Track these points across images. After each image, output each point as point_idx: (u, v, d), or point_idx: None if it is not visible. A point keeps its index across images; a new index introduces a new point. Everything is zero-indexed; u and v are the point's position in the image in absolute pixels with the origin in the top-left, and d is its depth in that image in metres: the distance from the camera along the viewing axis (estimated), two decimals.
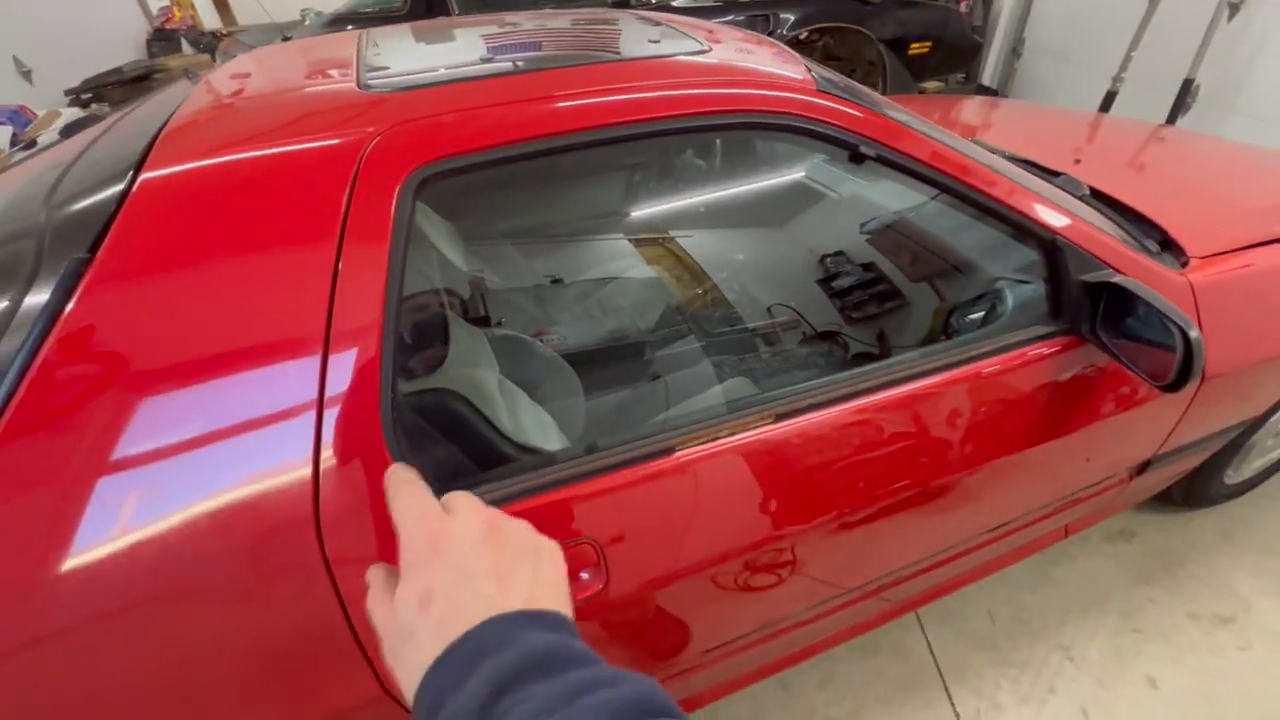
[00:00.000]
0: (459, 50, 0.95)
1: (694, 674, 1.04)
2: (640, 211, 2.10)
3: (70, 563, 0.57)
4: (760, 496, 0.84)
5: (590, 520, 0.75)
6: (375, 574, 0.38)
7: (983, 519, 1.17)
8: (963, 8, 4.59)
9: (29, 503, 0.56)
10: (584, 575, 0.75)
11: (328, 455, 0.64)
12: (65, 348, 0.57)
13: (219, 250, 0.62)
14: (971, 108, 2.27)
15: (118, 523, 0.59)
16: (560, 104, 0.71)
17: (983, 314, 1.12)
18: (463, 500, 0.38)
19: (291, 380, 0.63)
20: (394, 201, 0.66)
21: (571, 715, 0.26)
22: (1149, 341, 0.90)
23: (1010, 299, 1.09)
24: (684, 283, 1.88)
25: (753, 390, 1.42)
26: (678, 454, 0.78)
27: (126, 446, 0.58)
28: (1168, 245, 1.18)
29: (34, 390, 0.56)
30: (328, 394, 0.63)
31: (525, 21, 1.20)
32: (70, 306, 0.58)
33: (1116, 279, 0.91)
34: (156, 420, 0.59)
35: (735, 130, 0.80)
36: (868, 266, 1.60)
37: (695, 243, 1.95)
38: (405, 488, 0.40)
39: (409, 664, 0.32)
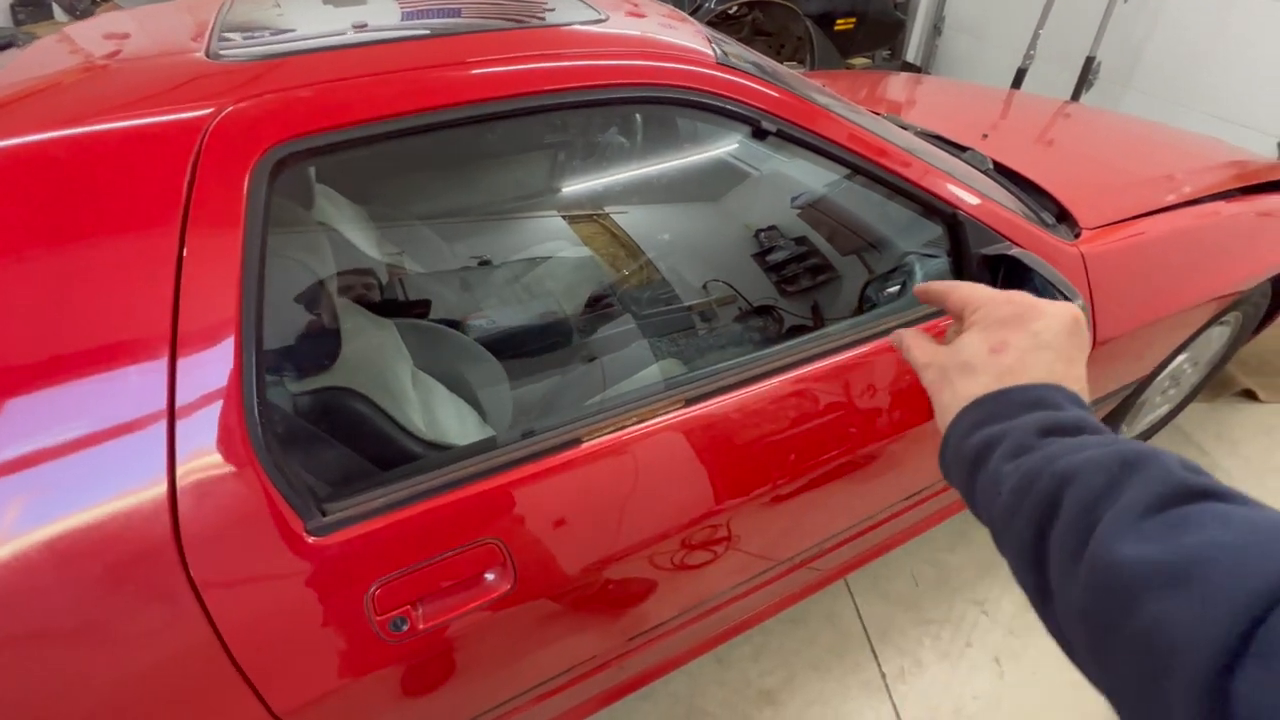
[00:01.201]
0: (340, 17, 0.87)
1: (627, 658, 1.04)
2: (571, 188, 2.04)
3: None
4: (681, 479, 0.83)
5: (494, 519, 0.71)
6: (904, 332, 0.50)
7: (905, 484, 1.21)
8: None
9: None
10: (489, 576, 0.72)
11: (185, 469, 0.58)
12: None
13: (39, 241, 0.54)
14: (893, 84, 2.31)
15: None
16: (433, 76, 0.65)
17: (898, 287, 1.14)
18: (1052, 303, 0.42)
19: (134, 387, 0.56)
20: (245, 185, 0.59)
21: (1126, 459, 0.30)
22: None
23: (919, 272, 1.11)
24: (619, 261, 1.84)
25: (683, 370, 1.41)
26: (585, 444, 0.75)
27: None
28: (1064, 217, 1.23)
29: None
30: (179, 401, 0.57)
31: None
32: None
33: (1012, 251, 0.94)
34: None
35: (629, 105, 0.77)
36: (800, 240, 1.60)
37: (630, 219, 1.91)
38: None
39: (960, 390, 0.39)
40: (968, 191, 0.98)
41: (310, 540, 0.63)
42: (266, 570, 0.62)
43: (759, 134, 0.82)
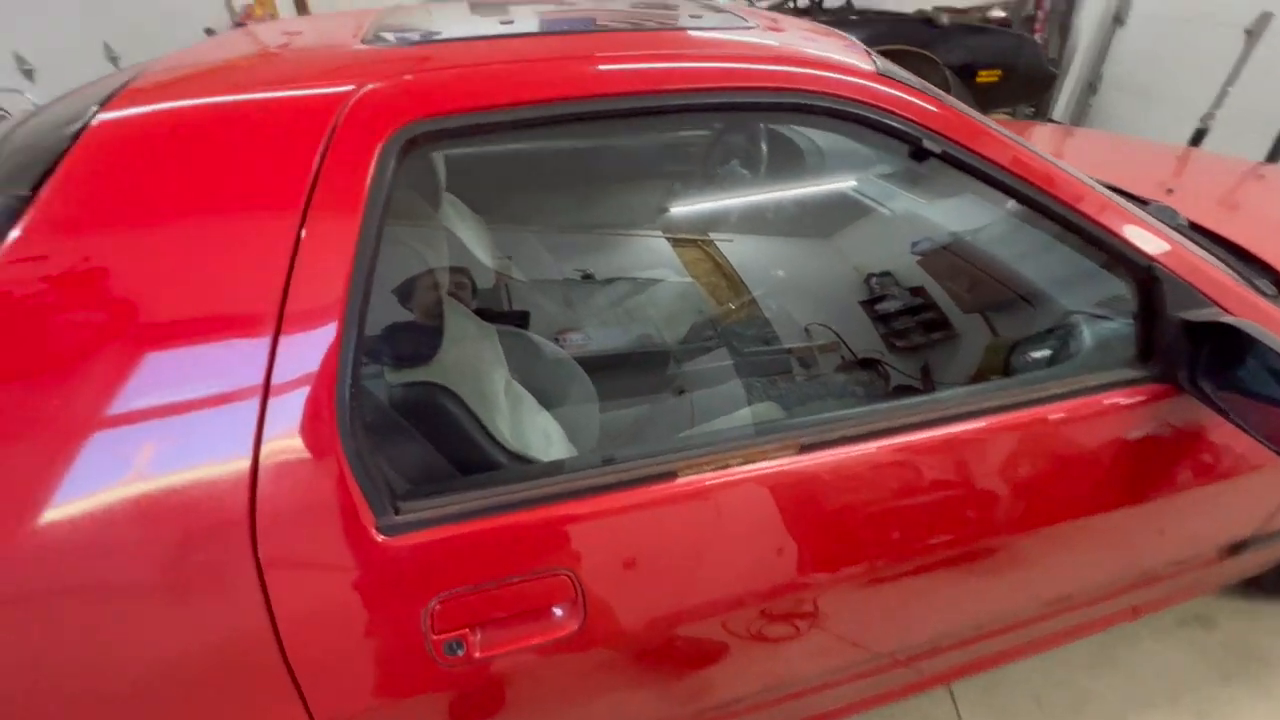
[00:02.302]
0: (500, 20, 0.88)
1: None
2: (681, 210, 2.01)
3: None
4: (777, 537, 0.72)
5: (570, 548, 0.64)
6: None
7: (1037, 590, 1.01)
8: (1038, 38, 4.38)
9: None
10: (556, 611, 0.64)
11: (271, 448, 0.55)
12: None
13: (170, 205, 0.55)
14: (1043, 133, 2.11)
15: (22, 501, 0.51)
16: (569, 67, 0.62)
17: (1050, 352, 0.98)
18: None
19: (236, 360, 0.55)
20: (373, 162, 0.58)
21: None
22: (1265, 398, 0.74)
23: (1087, 336, 0.94)
24: (719, 291, 1.77)
25: (780, 415, 1.30)
26: (680, 480, 0.66)
27: (41, 414, 0.51)
28: None
29: None
30: (275, 379, 0.55)
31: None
32: None
33: (1227, 319, 0.76)
34: (77, 389, 0.52)
35: (781, 113, 0.69)
36: (916, 291, 1.45)
37: (735, 248, 1.84)
38: None
39: None
40: (1165, 241, 0.81)
41: (379, 539, 0.59)
42: (330, 561, 0.58)
43: (919, 154, 0.72)
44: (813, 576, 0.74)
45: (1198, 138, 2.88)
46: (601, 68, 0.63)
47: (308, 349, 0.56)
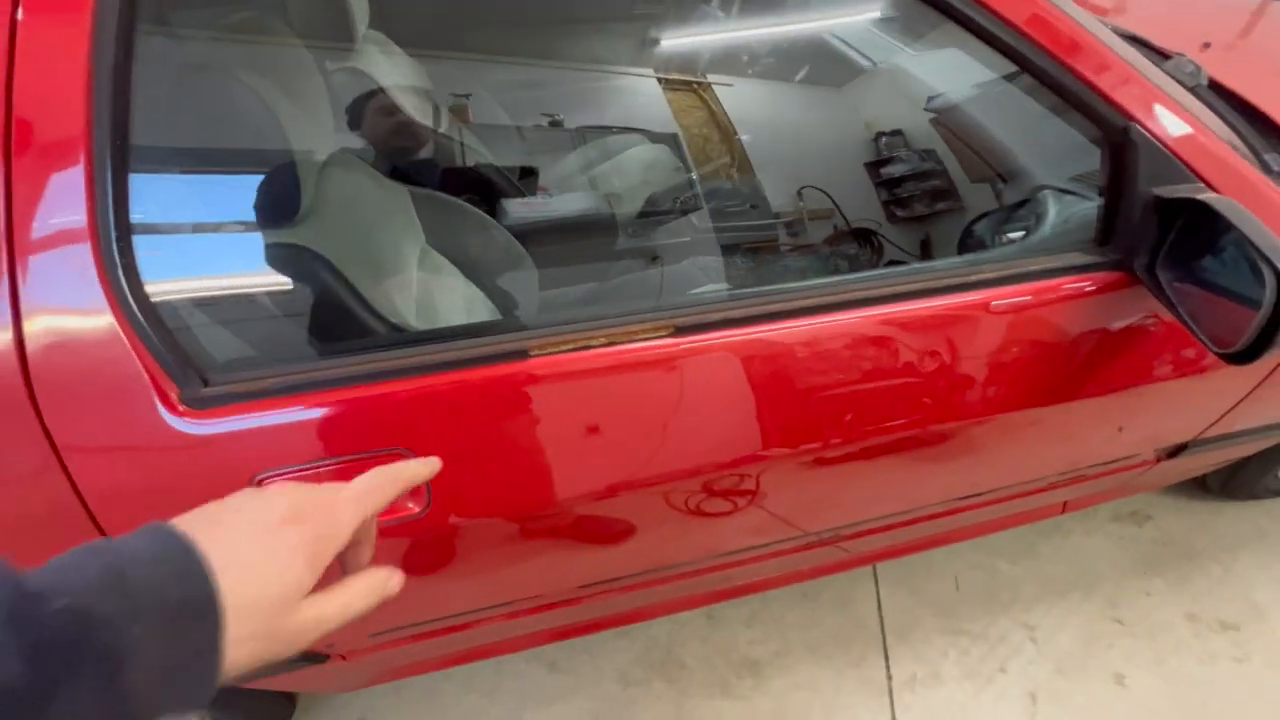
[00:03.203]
0: None
1: (601, 599, 0.93)
2: (670, 45, 1.76)
3: None
4: (648, 423, 0.66)
5: (407, 427, 0.59)
6: None
7: (974, 479, 0.98)
8: None
9: None
10: None
11: (33, 317, 0.48)
12: None
13: None
14: None
15: None
16: None
17: (1022, 231, 0.86)
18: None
19: None
20: None
21: None
22: (1227, 292, 0.64)
23: (1052, 212, 0.82)
24: (710, 146, 1.58)
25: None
26: (532, 358, 0.60)
27: None
28: None
29: None
30: (16, 235, 0.47)
31: None
32: None
33: (1204, 196, 0.63)
34: None
35: None
36: (927, 154, 1.27)
37: (734, 93, 1.62)
38: None
39: None
40: (1160, 101, 0.66)
41: (182, 413, 0.53)
42: (127, 438, 0.53)
43: None
44: (694, 463, 0.70)
45: None
46: None
47: (49, 195, 0.47)
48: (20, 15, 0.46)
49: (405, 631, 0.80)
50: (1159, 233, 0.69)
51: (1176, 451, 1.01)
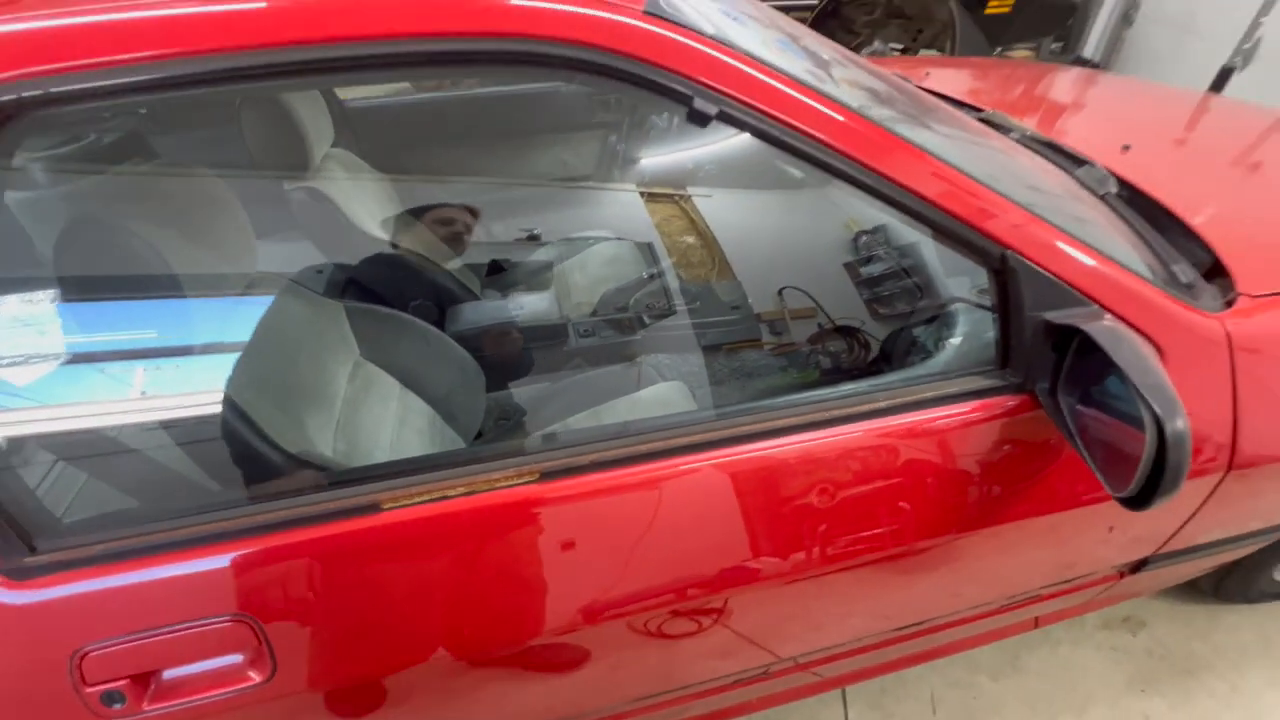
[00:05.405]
0: None
1: None
2: (651, 162, 1.84)
3: None
4: (527, 572, 0.62)
5: (246, 592, 0.55)
6: None
7: (925, 604, 0.91)
8: None
9: None
10: (235, 658, 0.57)
11: None
12: None
13: None
14: (1031, 75, 1.86)
15: None
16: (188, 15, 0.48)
17: (923, 344, 0.84)
18: None
19: None
20: None
21: None
22: (1128, 420, 0.60)
23: (959, 328, 0.80)
24: (687, 250, 1.61)
25: (686, 398, 1.20)
26: (385, 512, 0.57)
27: None
28: (1217, 274, 0.85)
29: None
30: None
31: None
32: None
33: (1085, 324, 0.61)
34: None
35: (500, 65, 0.55)
36: (908, 251, 1.27)
37: (711, 203, 1.67)
38: None
39: None
40: (1038, 225, 0.66)
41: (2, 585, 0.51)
42: None
43: (695, 117, 0.57)
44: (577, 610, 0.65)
45: (1222, 79, 2.56)
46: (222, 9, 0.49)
47: None
48: None
49: None
50: (1057, 356, 0.66)
51: (1139, 567, 0.94)
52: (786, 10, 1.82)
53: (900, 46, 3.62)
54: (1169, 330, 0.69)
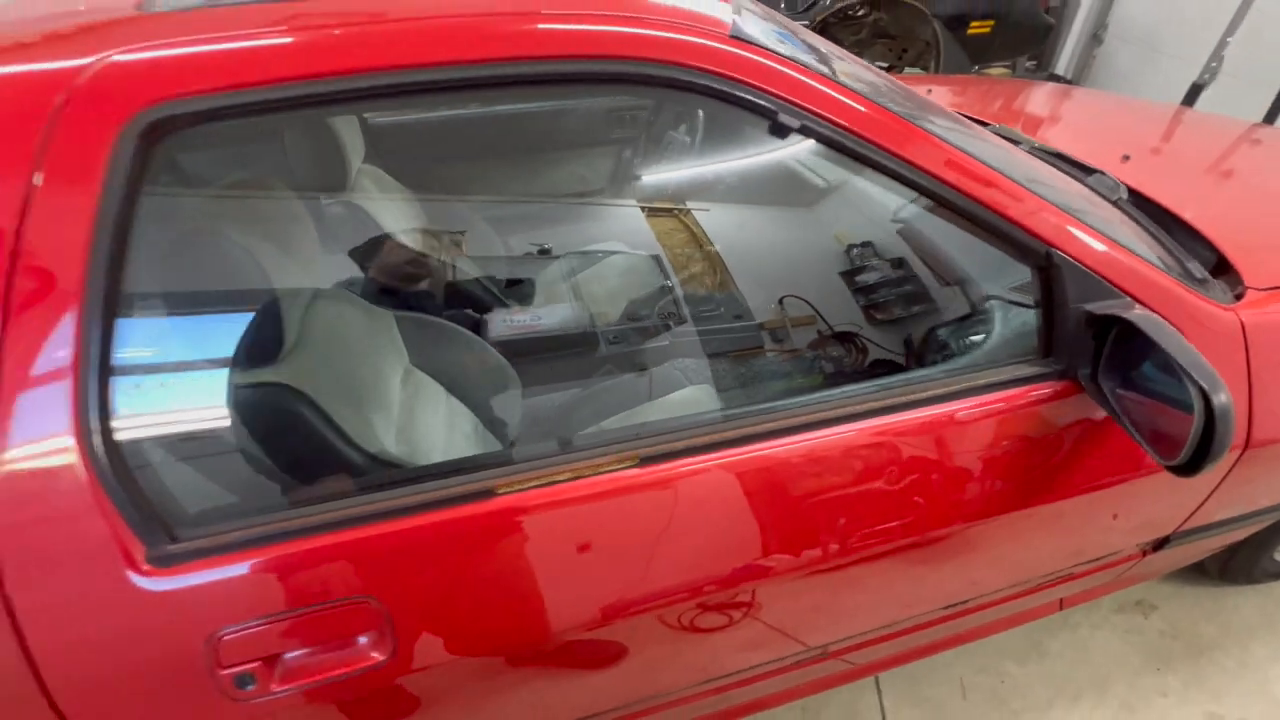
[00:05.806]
0: None
1: None
2: (653, 179, 1.91)
3: None
4: (620, 554, 0.66)
5: (370, 574, 0.59)
6: None
7: (960, 586, 0.97)
8: None
9: None
10: (361, 640, 0.60)
11: (8, 457, 0.50)
12: None
13: None
14: (1018, 91, 1.97)
15: None
16: (337, 31, 0.53)
17: (962, 340, 0.90)
18: None
19: None
20: (109, 150, 0.50)
21: None
22: (1166, 399, 0.67)
23: (999, 324, 0.86)
24: (692, 263, 1.67)
25: (713, 400, 1.24)
26: (499, 498, 0.61)
27: None
28: (1224, 270, 0.93)
29: None
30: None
31: None
32: None
33: (1128, 313, 0.68)
34: None
35: (603, 84, 0.61)
36: (898, 263, 1.35)
37: (711, 218, 1.74)
38: None
39: None
40: (1075, 225, 0.73)
41: (144, 570, 0.54)
42: (86, 596, 0.53)
43: (778, 130, 0.63)
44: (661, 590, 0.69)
45: (1193, 94, 2.71)
46: (358, 32, 0.54)
47: (36, 350, 0.49)
48: (38, 180, 0.51)
49: None
50: (1095, 344, 0.73)
51: (1160, 544, 1.01)
52: None
53: (885, 65, 3.77)
54: (1192, 320, 0.76)
